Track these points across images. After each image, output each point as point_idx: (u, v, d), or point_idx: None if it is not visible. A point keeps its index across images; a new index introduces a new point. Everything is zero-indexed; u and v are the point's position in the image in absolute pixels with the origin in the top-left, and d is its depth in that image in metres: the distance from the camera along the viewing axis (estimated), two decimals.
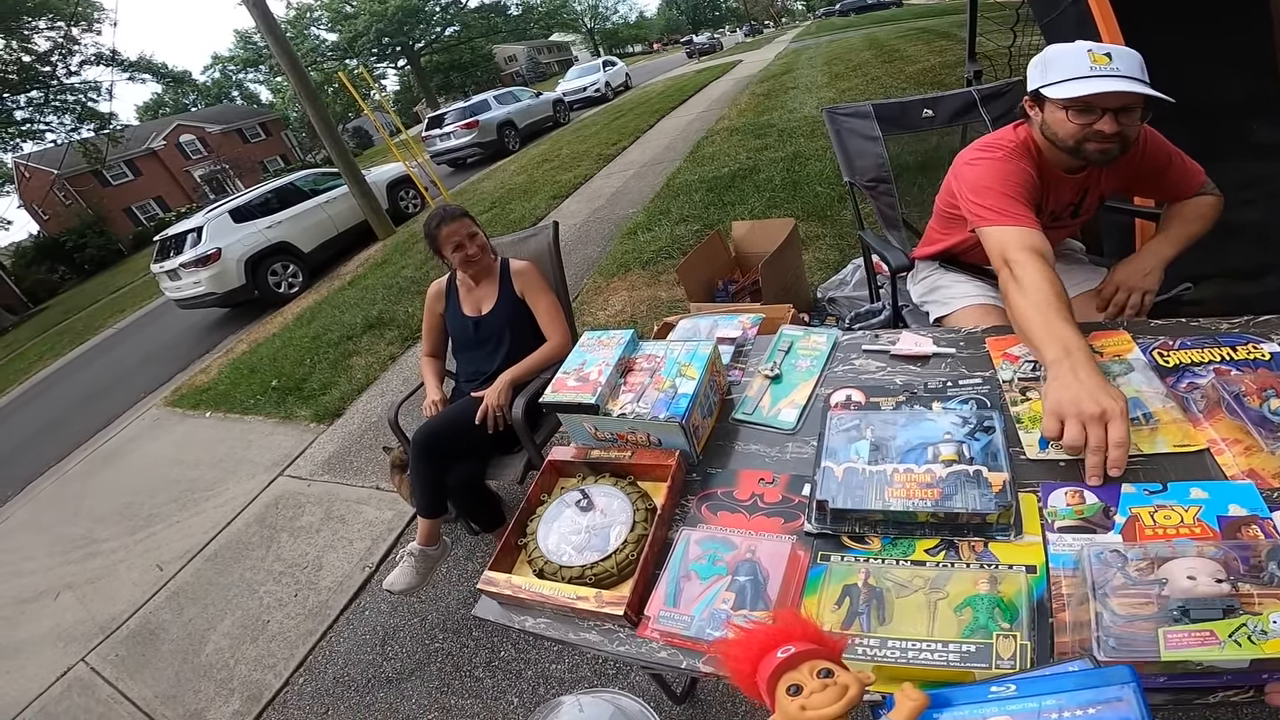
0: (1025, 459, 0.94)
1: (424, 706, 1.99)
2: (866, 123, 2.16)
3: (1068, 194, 1.47)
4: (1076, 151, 1.30)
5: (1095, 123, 1.24)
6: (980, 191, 1.34)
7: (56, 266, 27.36)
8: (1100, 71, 1.20)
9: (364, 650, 2.29)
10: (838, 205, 4.15)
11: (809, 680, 0.66)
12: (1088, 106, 1.24)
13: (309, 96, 9.14)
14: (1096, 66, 1.20)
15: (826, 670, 0.67)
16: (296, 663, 2.37)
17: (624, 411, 1.13)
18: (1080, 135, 1.27)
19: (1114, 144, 1.26)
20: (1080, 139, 1.28)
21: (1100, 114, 1.23)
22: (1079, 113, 1.25)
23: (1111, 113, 1.22)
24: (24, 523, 4.75)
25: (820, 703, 0.64)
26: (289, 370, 5.15)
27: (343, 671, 2.25)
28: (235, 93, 48.06)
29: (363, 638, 2.36)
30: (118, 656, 2.79)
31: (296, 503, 3.40)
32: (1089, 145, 1.27)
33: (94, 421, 6.23)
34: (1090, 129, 1.25)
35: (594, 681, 1.85)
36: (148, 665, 2.67)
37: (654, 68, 30.04)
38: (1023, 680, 0.64)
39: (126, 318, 12.63)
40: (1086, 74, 1.21)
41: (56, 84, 19.92)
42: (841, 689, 0.65)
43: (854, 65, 10.52)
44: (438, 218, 2.17)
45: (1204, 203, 1.46)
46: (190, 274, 7.60)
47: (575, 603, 0.97)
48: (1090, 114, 1.24)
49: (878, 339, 1.28)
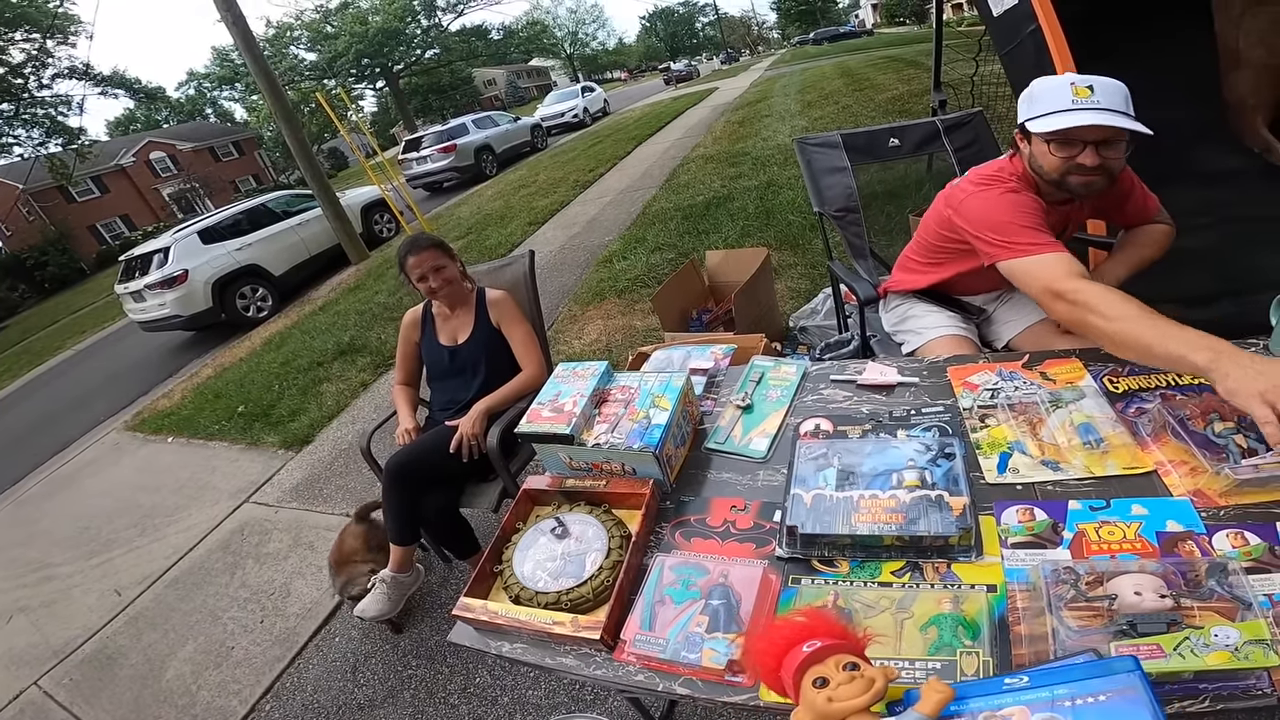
0: (985, 483, 0.99)
1: None
2: (835, 152, 2.23)
3: (1054, 225, 1.46)
4: (1061, 185, 1.31)
5: (1077, 156, 1.24)
6: (998, 226, 1.31)
7: (16, 285, 26.47)
8: (1081, 104, 1.20)
9: (334, 677, 2.25)
10: (809, 234, 4.25)
11: (835, 673, 0.68)
12: (1069, 140, 1.24)
13: (285, 116, 9.08)
14: (1078, 99, 1.20)
15: (852, 664, 0.69)
16: (263, 689, 2.31)
17: (599, 442, 1.15)
18: (1063, 168, 1.28)
19: (1097, 176, 1.27)
20: (1064, 172, 1.28)
21: (1082, 147, 1.24)
22: (1060, 145, 1.26)
23: (1093, 145, 1.23)
24: None
25: (847, 694, 0.66)
26: (256, 396, 5.05)
27: (312, 698, 2.19)
28: (209, 110, 47.53)
29: (333, 664, 2.31)
30: (72, 681, 2.70)
31: (263, 529, 3.33)
32: (1072, 178, 1.28)
33: (52, 444, 6.02)
34: (1072, 162, 1.26)
35: (571, 707, 1.83)
36: (104, 690, 2.58)
37: (632, 94, 30.60)
38: (1034, 673, 0.67)
39: (88, 339, 12.24)
40: (1068, 107, 1.21)
41: (28, 97, 19.47)
42: (868, 681, 0.67)
43: (826, 93, 10.84)
44: (406, 246, 2.17)
45: (1158, 230, 1.52)
46: (155, 296, 7.40)
47: (552, 627, 0.98)
48: (1072, 147, 1.25)
49: (845, 369, 1.32)
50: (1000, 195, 1.36)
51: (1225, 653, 0.67)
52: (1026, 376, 1.16)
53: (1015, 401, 1.11)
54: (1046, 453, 1.00)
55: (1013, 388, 1.14)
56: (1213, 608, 0.71)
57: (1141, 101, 2.08)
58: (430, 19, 43.07)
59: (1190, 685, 0.69)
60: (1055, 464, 0.97)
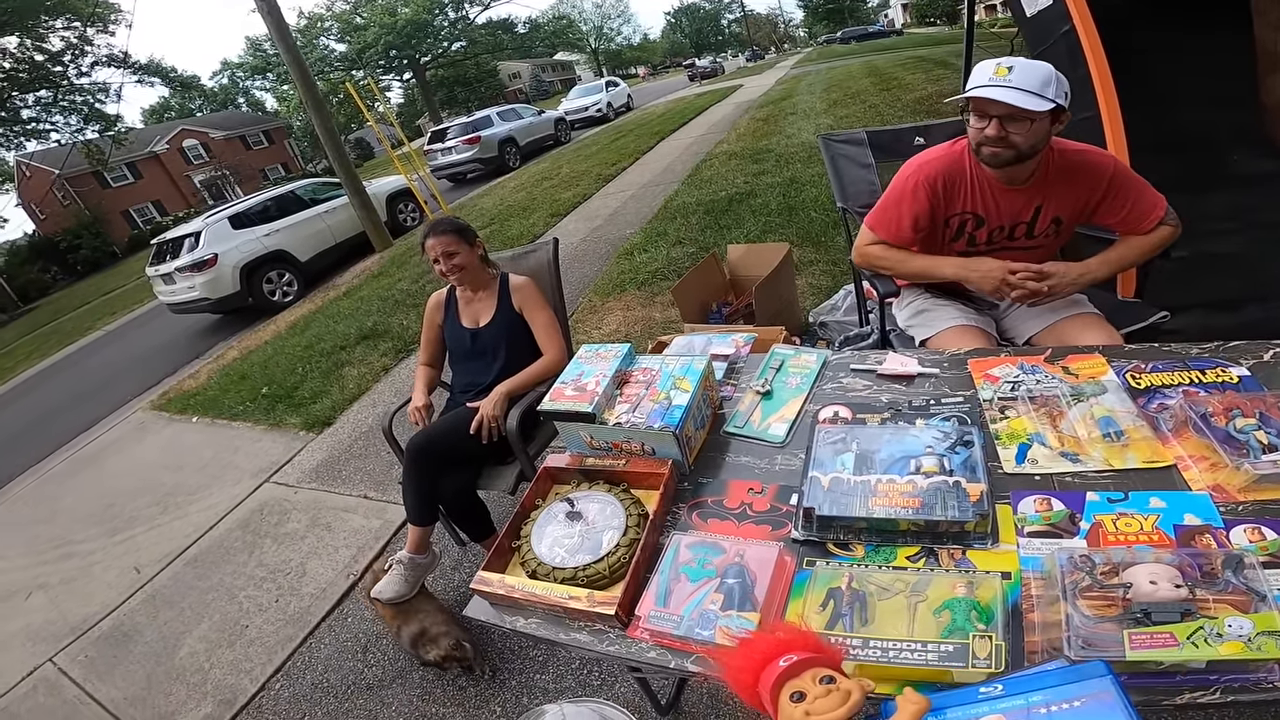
0: (1002, 472, 0.99)
1: (404, 714, 1.96)
2: (860, 149, 2.23)
3: (1016, 208, 1.54)
4: (978, 154, 1.46)
5: (985, 128, 1.39)
6: (882, 200, 1.66)
7: (49, 267, 27.18)
8: (994, 81, 1.34)
9: (345, 657, 2.27)
10: (832, 231, 4.23)
11: (812, 687, 0.69)
12: (981, 113, 1.39)
13: (315, 105, 9.22)
14: (994, 78, 1.34)
15: (829, 677, 0.70)
16: (274, 668, 2.33)
17: (620, 421, 1.17)
18: (977, 139, 1.43)
19: (1000, 149, 1.39)
20: (978, 143, 1.43)
21: (989, 120, 1.37)
22: (976, 118, 1.41)
23: (998, 119, 1.36)
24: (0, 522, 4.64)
25: (824, 708, 0.67)
26: (280, 378, 5.13)
27: (322, 677, 2.22)
28: (241, 99, 48.30)
29: (344, 644, 2.33)
30: (87, 658, 2.75)
31: (282, 509, 3.37)
32: (984, 149, 1.43)
33: (78, 422, 6.15)
34: (981, 133, 1.40)
35: (578, 692, 1.83)
36: (118, 667, 2.62)
37: (655, 90, 30.48)
38: (1008, 680, 0.69)
39: (117, 320, 12.55)
40: (983, 83, 1.36)
41: (66, 84, 19.90)
42: (844, 694, 0.68)
43: (852, 92, 10.73)
44: (427, 228, 2.23)
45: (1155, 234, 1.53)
46: (185, 279, 7.57)
47: (567, 602, 1.00)
48: (982, 120, 1.39)
49: (865, 359, 1.33)
50: (904, 177, 1.61)
51: (1238, 643, 0.67)
52: (1048, 370, 1.16)
53: (1036, 394, 1.11)
54: (1066, 445, 1.00)
55: (1034, 381, 1.14)
56: (1228, 600, 0.71)
57: (1176, 103, 2.05)
58: (458, 11, 43.36)
59: (1201, 676, 0.69)
60: (1075, 456, 0.97)
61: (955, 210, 1.58)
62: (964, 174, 1.54)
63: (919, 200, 1.57)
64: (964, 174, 1.54)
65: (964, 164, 1.54)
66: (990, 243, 1.62)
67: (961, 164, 1.54)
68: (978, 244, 1.63)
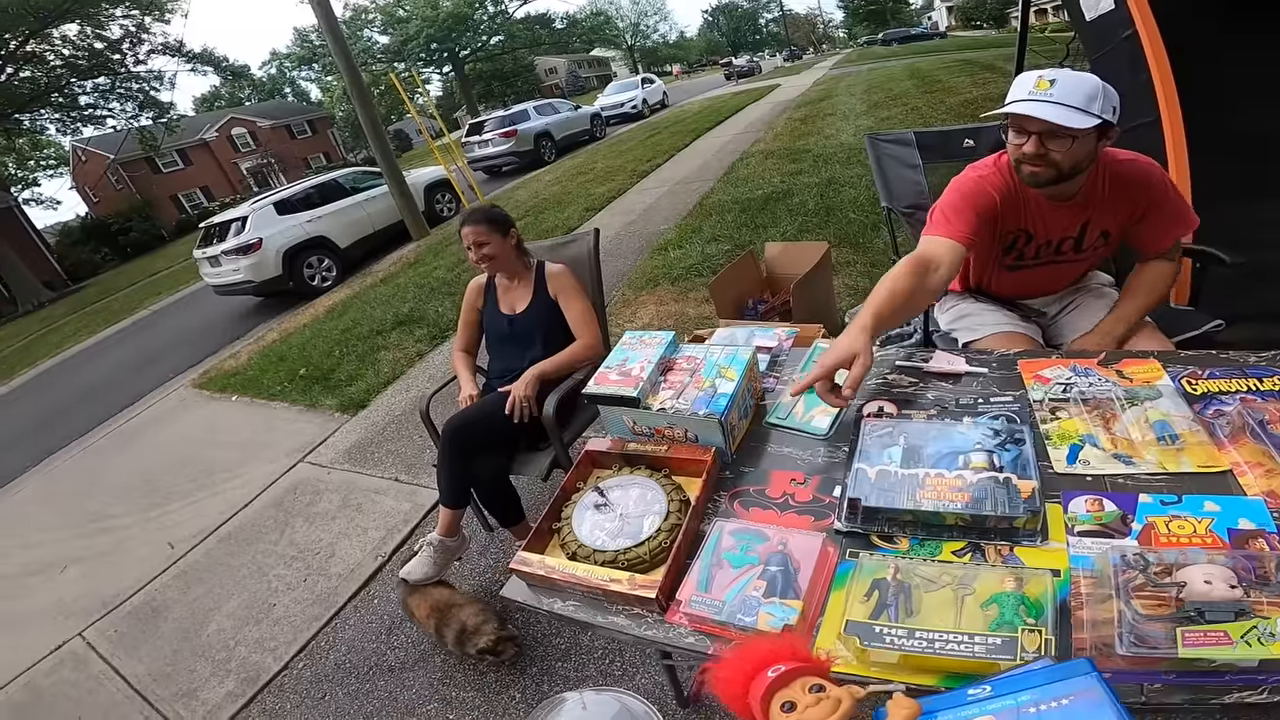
0: (1053, 472, 0.98)
1: (424, 697, 1.99)
2: (907, 150, 2.21)
3: (1064, 224, 1.50)
4: (1018, 171, 1.39)
5: (1023, 144, 1.31)
6: (937, 207, 1.48)
7: (100, 248, 28.15)
8: (1034, 95, 1.26)
9: (369, 638, 2.30)
10: (870, 233, 4.19)
11: (802, 696, 0.69)
12: (1019, 129, 1.32)
13: (360, 96, 9.40)
14: (1035, 91, 1.26)
15: (818, 686, 0.70)
16: (299, 647, 2.37)
17: (664, 406, 1.18)
18: (1016, 156, 1.36)
19: (1040, 167, 1.32)
20: (1016, 160, 1.36)
21: (1027, 136, 1.30)
22: (1014, 134, 1.34)
23: (1037, 136, 1.29)
24: (40, 494, 4.79)
25: (815, 716, 0.67)
26: (317, 360, 5.25)
27: (345, 658, 2.25)
28: (287, 89, 49.51)
29: (369, 625, 2.36)
30: (116, 633, 2.80)
31: (315, 489, 3.43)
32: (1023, 167, 1.36)
33: (122, 398, 6.35)
34: (1020, 150, 1.33)
35: (599, 682, 1.84)
36: (145, 642, 2.67)
37: (691, 88, 30.38)
38: (996, 681, 0.69)
39: (162, 300, 12.94)
40: (1023, 97, 1.28)
41: (124, 72, 20.56)
42: (835, 702, 0.68)
43: (894, 94, 10.57)
44: (463, 216, 2.28)
45: (1162, 273, 1.50)
46: (231, 261, 7.82)
47: (608, 584, 1.01)
48: (1020, 136, 1.32)
49: (911, 356, 1.31)
50: (958, 183, 1.50)
51: None
52: (1101, 373, 1.14)
53: (1089, 396, 1.09)
54: (1119, 447, 0.98)
55: (1086, 383, 1.12)
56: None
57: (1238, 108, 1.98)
58: (496, 6, 43.79)
59: (1251, 676, 0.68)
60: (1128, 458, 0.96)
61: (1010, 226, 1.52)
62: (1015, 189, 1.47)
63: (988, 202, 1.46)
64: (1015, 189, 1.47)
65: (1013, 179, 1.46)
66: (1038, 257, 1.58)
67: (1011, 179, 1.46)
68: (1026, 258, 1.60)
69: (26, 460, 5.48)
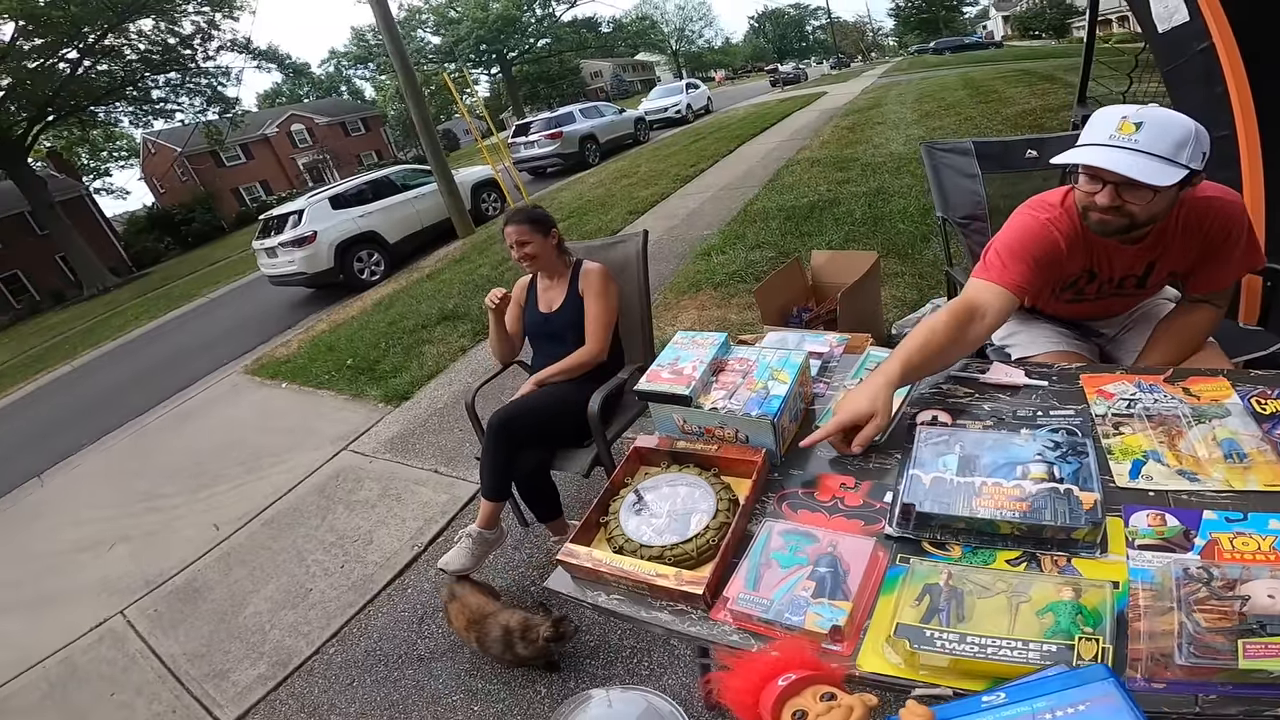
0: (1115, 486, 0.97)
1: (450, 688, 2.00)
2: (966, 159, 2.17)
3: (1130, 262, 1.40)
4: (1084, 218, 1.28)
5: (1096, 193, 1.20)
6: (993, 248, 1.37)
7: (164, 237, 29.56)
8: (1115, 141, 1.14)
9: (400, 627, 2.32)
10: (920, 244, 4.11)
11: (813, 704, 0.69)
12: (1093, 175, 1.20)
13: (414, 95, 9.63)
14: (1117, 135, 1.14)
15: (829, 694, 0.70)
16: (331, 632, 2.40)
17: (715, 406, 1.19)
18: (1085, 203, 1.25)
19: (1112, 217, 1.22)
20: (1085, 206, 1.26)
21: (1102, 185, 1.19)
22: (1086, 179, 1.22)
23: (1113, 185, 1.17)
24: (95, 471, 4.98)
25: None
26: (364, 351, 5.39)
27: (376, 645, 2.27)
28: (343, 87, 51.15)
29: (401, 614, 2.38)
30: (156, 612, 2.86)
31: (356, 477, 3.49)
32: (1091, 214, 1.26)
33: (177, 381, 6.60)
34: (1091, 199, 1.22)
35: (626, 680, 1.84)
36: (183, 623, 2.73)
37: (735, 94, 30.29)
38: (1011, 688, 0.68)
39: (220, 289, 13.48)
40: (1100, 141, 1.17)
41: (194, 67, 21.56)
42: (846, 710, 0.68)
43: (947, 104, 10.34)
44: (507, 215, 2.33)
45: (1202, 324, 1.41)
46: (286, 253, 8.12)
47: (654, 579, 1.02)
48: (1094, 183, 1.21)
49: (967, 367, 1.30)
50: (1021, 222, 1.38)
51: None
52: (1168, 390, 1.11)
53: (1154, 413, 1.06)
54: (1184, 463, 0.97)
55: (1151, 400, 1.09)
56: None
57: None
58: (545, 8, 44.50)
59: None
60: (1193, 475, 0.94)
61: (1074, 269, 1.44)
62: (1079, 232, 1.35)
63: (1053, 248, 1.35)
64: (1079, 232, 1.35)
65: (1079, 220, 1.35)
66: (1099, 294, 1.51)
67: (1076, 222, 1.35)
68: (1085, 295, 1.53)
69: (84, 438, 5.71)
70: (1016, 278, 1.30)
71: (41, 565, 3.68)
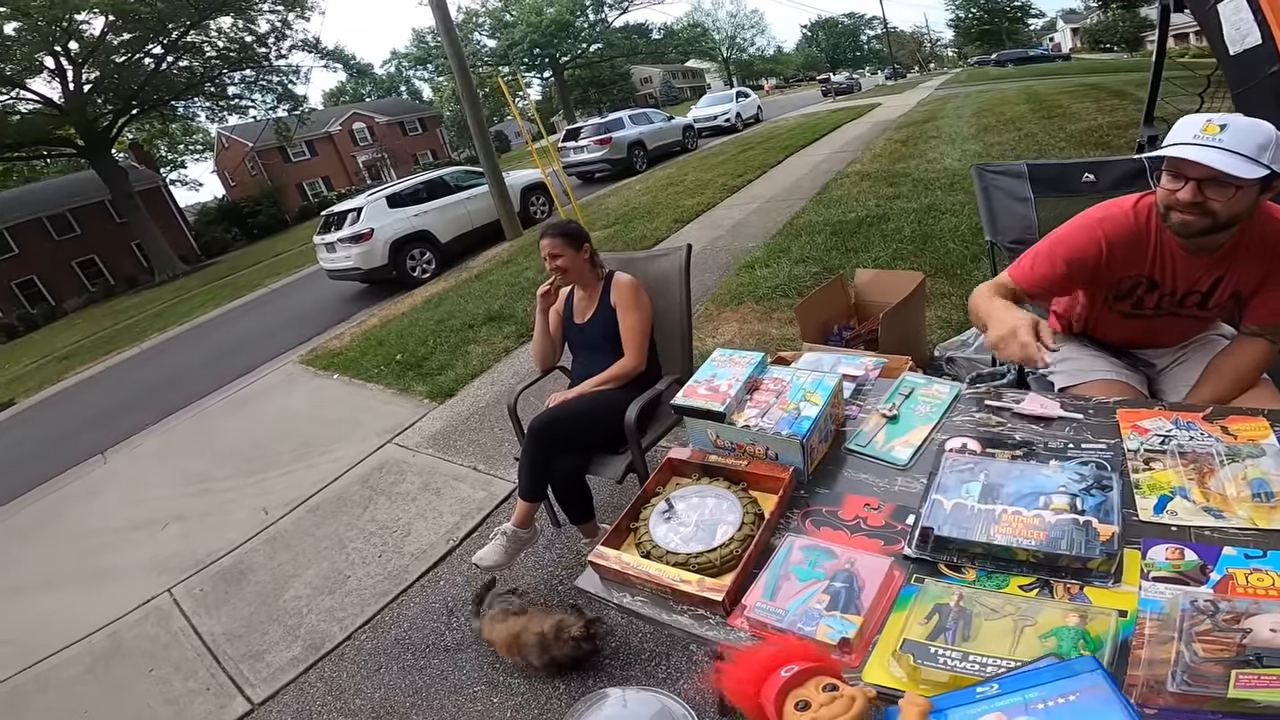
0: (1137, 519, 0.98)
1: (473, 679, 2.06)
2: (1018, 183, 2.14)
3: (1194, 276, 1.40)
4: (1165, 218, 1.31)
5: (1178, 190, 1.23)
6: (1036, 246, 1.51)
7: (231, 228, 31.06)
8: (1201, 140, 1.18)
9: (430, 618, 2.39)
10: (970, 265, 4.03)
11: (816, 695, 0.71)
12: (1177, 173, 1.24)
13: (470, 97, 9.89)
14: (1201, 135, 1.18)
15: (831, 685, 0.72)
16: (364, 619, 2.48)
17: (748, 424, 1.23)
18: (1167, 201, 1.27)
19: (1193, 215, 1.24)
20: (1167, 205, 1.28)
21: (1185, 182, 1.22)
22: (1169, 178, 1.26)
23: (1195, 182, 1.20)
24: (155, 451, 5.25)
25: (830, 714, 0.69)
26: (412, 348, 5.55)
27: (405, 634, 2.34)
28: (403, 88, 52.84)
29: (432, 605, 2.45)
30: (201, 591, 2.97)
31: (399, 470, 3.60)
32: (1172, 214, 1.28)
33: (237, 368, 6.93)
34: (1173, 196, 1.25)
35: (643, 683, 1.85)
36: (227, 603, 2.84)
37: (785, 103, 30.01)
38: (1004, 680, 0.72)
39: (280, 280, 14.06)
40: (1186, 140, 1.20)
41: (268, 65, 22.67)
42: (849, 700, 0.70)
43: (1006, 118, 10.03)
44: (543, 228, 2.42)
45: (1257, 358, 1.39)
46: (344, 248, 8.45)
47: (678, 584, 1.07)
48: (1177, 181, 1.24)
49: (1001, 396, 1.31)
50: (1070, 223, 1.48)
51: None
52: (1205, 428, 1.11)
53: (1188, 450, 1.06)
54: (1211, 500, 0.97)
55: (1187, 437, 1.09)
56: None
57: None
58: (598, 14, 45.03)
59: None
60: (1218, 512, 0.95)
61: (1130, 273, 1.44)
62: (1147, 236, 1.38)
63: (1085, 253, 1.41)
64: (1147, 236, 1.38)
65: (1149, 225, 1.38)
66: (1158, 308, 1.50)
67: (1146, 224, 1.38)
68: (1144, 307, 1.52)
69: (148, 418, 6.04)
70: (1035, 276, 1.46)
71: (98, 541, 3.89)
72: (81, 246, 25.58)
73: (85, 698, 2.56)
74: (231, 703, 2.31)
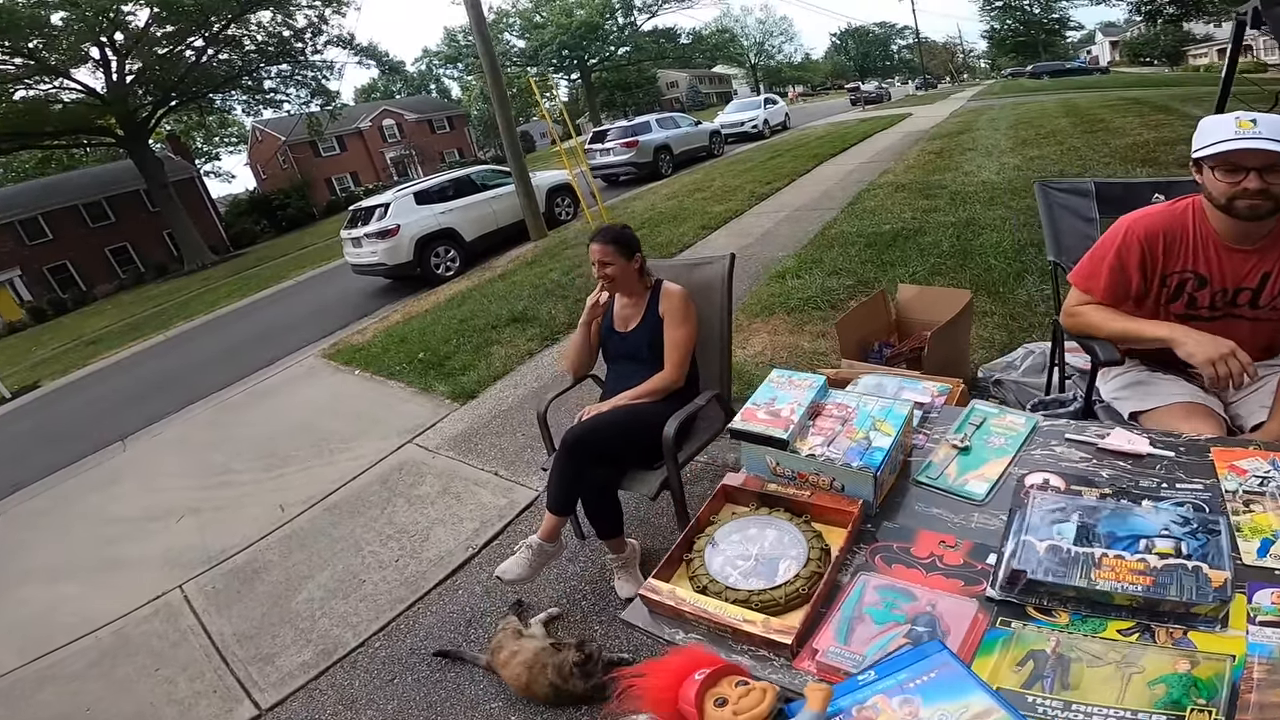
0: (1241, 563, 0.93)
1: (490, 694, 1.96)
2: (1084, 201, 2.07)
3: (1241, 272, 1.47)
4: (1229, 210, 1.39)
5: (1242, 181, 1.34)
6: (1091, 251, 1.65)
7: (260, 220, 31.53)
8: (1240, 134, 1.31)
9: (447, 627, 2.30)
10: (1013, 283, 3.90)
11: (731, 691, 0.80)
12: (1234, 166, 1.34)
13: (499, 96, 9.90)
14: (1240, 131, 1.31)
15: (743, 681, 0.81)
16: (379, 626, 2.39)
17: (813, 452, 1.16)
18: (1230, 193, 1.37)
19: (1261, 200, 1.34)
20: (1230, 196, 1.37)
21: (1246, 173, 1.33)
22: (1227, 172, 1.36)
23: (1257, 171, 1.32)
24: (175, 440, 5.22)
25: (748, 705, 0.78)
26: (435, 346, 5.50)
27: (421, 643, 2.25)
28: (432, 86, 53.30)
29: (449, 615, 2.36)
30: (214, 589, 2.88)
31: (418, 471, 3.50)
32: (1239, 203, 1.37)
33: (259, 359, 6.92)
34: (1238, 187, 1.35)
35: None
36: (238, 602, 2.75)
37: (814, 111, 29.78)
38: (878, 666, 0.83)
39: (306, 273, 14.20)
40: (1231, 137, 1.32)
41: (304, 60, 23.05)
42: (761, 692, 0.79)
43: (1046, 132, 9.79)
44: (593, 233, 2.34)
45: None
46: (370, 244, 8.49)
47: (741, 624, 1.00)
48: (1237, 173, 1.34)
49: (1084, 430, 1.23)
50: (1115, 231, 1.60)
51: None
52: None
53: None
54: None
55: None
56: None
57: None
58: (626, 17, 45.15)
59: None
60: None
61: (1174, 268, 1.53)
62: (1186, 231, 1.50)
63: (1128, 254, 1.54)
64: (1186, 231, 1.50)
65: (1186, 221, 1.50)
66: (1212, 306, 1.53)
67: (1184, 221, 1.50)
68: (1198, 306, 1.54)
69: (169, 406, 6.05)
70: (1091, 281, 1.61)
71: (113, 530, 3.85)
72: (115, 234, 26.15)
73: (88, 694, 2.50)
74: (238, 707, 2.24)
